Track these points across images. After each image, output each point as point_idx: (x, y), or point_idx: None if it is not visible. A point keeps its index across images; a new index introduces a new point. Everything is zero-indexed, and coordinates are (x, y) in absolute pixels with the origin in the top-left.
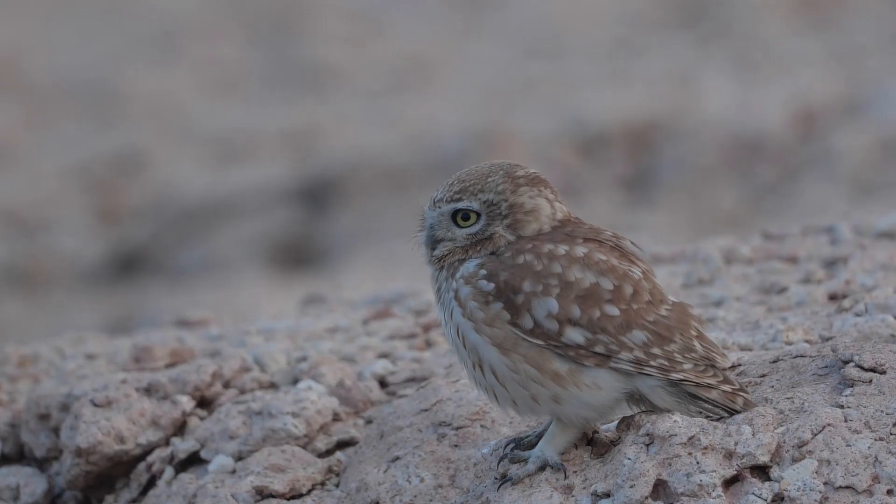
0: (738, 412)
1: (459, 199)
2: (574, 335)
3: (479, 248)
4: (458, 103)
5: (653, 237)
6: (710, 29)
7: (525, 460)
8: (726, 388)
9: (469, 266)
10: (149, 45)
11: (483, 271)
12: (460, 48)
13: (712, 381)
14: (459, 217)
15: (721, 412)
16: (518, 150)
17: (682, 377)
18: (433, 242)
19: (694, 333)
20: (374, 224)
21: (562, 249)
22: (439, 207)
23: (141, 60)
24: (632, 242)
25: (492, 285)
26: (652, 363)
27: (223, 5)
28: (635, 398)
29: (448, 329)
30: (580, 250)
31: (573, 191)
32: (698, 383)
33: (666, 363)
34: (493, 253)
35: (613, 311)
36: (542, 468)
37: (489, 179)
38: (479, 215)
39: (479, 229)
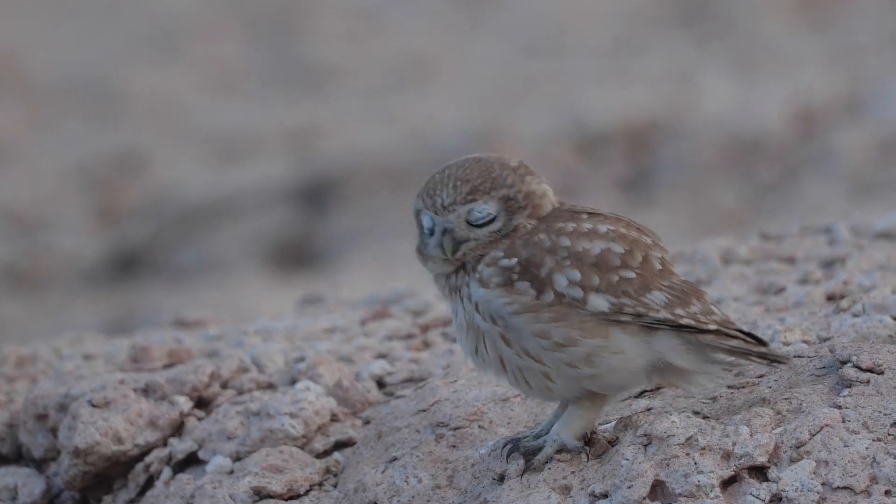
0: (766, 357)
1: (474, 200)
2: (598, 301)
3: (502, 240)
4: (458, 102)
5: None
6: (710, 28)
7: (541, 448)
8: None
9: (493, 255)
10: (149, 43)
11: (501, 253)
12: (460, 47)
13: (738, 332)
14: (475, 218)
15: (748, 360)
16: (517, 150)
17: (714, 329)
18: (456, 244)
19: (710, 301)
20: (374, 223)
21: (585, 227)
22: (453, 210)
23: (141, 59)
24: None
25: (514, 260)
26: (680, 322)
27: (223, 4)
28: (658, 366)
29: (458, 316)
30: (602, 227)
31: (573, 190)
32: (727, 334)
33: (693, 322)
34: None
35: (630, 274)
36: (559, 451)
37: (494, 175)
38: (496, 213)
39: (502, 225)
